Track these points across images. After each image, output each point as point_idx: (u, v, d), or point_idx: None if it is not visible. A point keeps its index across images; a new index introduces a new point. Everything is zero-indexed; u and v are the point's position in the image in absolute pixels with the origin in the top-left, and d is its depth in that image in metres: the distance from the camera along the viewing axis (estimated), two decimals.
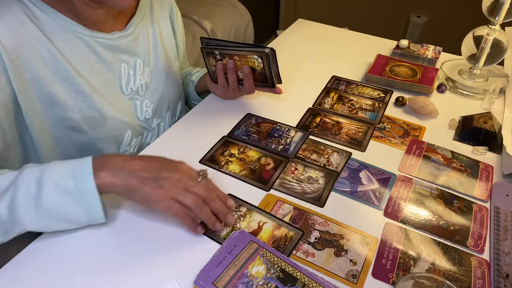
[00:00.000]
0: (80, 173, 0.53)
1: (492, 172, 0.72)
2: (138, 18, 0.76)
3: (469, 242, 0.60)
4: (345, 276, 0.54)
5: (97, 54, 0.70)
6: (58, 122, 0.68)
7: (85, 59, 0.68)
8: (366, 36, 1.20)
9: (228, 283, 0.52)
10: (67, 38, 0.66)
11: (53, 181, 0.52)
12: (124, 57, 0.74)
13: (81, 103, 0.68)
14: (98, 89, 0.70)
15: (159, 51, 0.81)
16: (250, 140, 0.78)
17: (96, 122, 0.71)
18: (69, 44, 0.66)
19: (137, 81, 0.77)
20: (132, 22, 0.75)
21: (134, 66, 0.76)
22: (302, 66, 1.04)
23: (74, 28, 0.66)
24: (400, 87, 0.94)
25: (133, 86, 0.76)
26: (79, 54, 0.67)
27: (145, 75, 0.78)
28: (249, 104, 0.89)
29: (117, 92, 0.74)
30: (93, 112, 0.70)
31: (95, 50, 0.69)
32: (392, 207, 0.65)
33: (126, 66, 0.74)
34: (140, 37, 0.77)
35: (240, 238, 0.58)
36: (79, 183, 0.52)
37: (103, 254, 0.57)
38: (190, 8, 1.77)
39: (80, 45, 0.67)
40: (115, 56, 0.72)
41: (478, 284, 0.54)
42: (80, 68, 0.68)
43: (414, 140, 0.79)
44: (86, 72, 0.69)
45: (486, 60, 0.92)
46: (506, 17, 0.86)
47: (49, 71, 0.64)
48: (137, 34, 0.76)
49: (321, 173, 0.70)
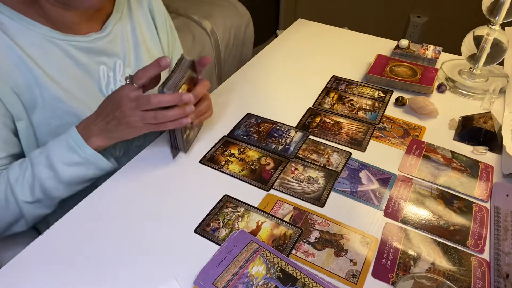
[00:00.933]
0: (76, 145, 0.63)
1: (492, 172, 0.72)
2: (115, 18, 0.74)
3: (469, 242, 0.60)
4: (345, 276, 0.54)
5: (73, 58, 0.68)
6: (40, 127, 0.68)
7: (59, 64, 0.67)
8: (366, 36, 1.20)
9: (228, 283, 0.52)
10: (39, 43, 0.65)
11: (60, 161, 0.63)
12: (102, 59, 0.72)
13: (57, 109, 0.67)
14: (75, 94, 0.69)
15: (141, 50, 0.79)
16: (250, 140, 0.78)
17: None
18: (41, 50, 0.65)
19: (118, 83, 0.75)
20: (109, 22, 0.73)
21: (114, 67, 0.74)
22: (302, 66, 1.04)
23: (46, 33, 0.65)
24: (400, 87, 0.94)
25: (113, 88, 0.74)
26: (53, 59, 0.66)
27: None
28: (249, 104, 0.89)
29: (97, 95, 0.72)
30: (71, 118, 0.68)
31: (70, 54, 0.68)
32: (392, 207, 0.65)
33: (105, 68, 0.73)
34: (119, 37, 0.75)
35: (240, 238, 0.58)
36: (80, 153, 0.64)
37: (103, 254, 0.57)
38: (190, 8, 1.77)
39: (54, 50, 0.66)
40: (92, 58, 0.71)
41: (478, 284, 0.54)
42: (54, 73, 0.66)
43: (414, 140, 0.79)
44: (61, 77, 0.67)
45: (486, 60, 0.92)
46: (506, 17, 0.86)
47: (24, 78, 0.64)
48: (115, 34, 0.74)
49: (321, 173, 0.70)
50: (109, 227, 0.60)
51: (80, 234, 0.59)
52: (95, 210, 0.63)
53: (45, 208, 0.67)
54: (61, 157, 0.63)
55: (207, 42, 1.68)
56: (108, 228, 0.60)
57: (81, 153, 0.63)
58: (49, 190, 0.64)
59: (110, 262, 0.56)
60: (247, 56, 1.95)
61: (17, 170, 0.64)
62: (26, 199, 0.64)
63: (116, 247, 0.58)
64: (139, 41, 0.79)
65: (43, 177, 0.63)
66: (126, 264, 0.55)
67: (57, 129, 0.68)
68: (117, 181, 0.68)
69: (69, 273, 0.54)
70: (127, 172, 0.70)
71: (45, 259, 0.56)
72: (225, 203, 0.65)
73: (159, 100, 0.60)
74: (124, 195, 0.66)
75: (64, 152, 0.63)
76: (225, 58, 1.79)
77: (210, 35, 1.69)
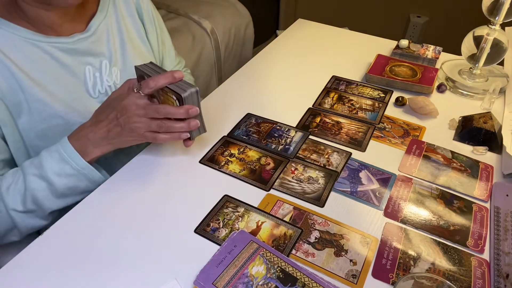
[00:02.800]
0: (68, 156, 0.63)
1: (492, 172, 0.72)
2: (100, 17, 0.74)
3: (469, 242, 0.60)
4: (345, 276, 0.54)
5: (57, 59, 0.68)
6: (27, 131, 0.67)
7: (43, 67, 0.66)
8: (366, 36, 1.20)
9: (228, 283, 0.52)
10: (21, 47, 0.64)
11: (52, 171, 0.62)
12: (87, 59, 0.72)
13: (43, 112, 0.67)
14: (59, 96, 0.68)
15: (128, 49, 0.78)
16: (250, 140, 0.78)
17: (62, 130, 0.69)
18: (24, 53, 0.64)
19: (105, 83, 0.74)
20: (93, 22, 0.73)
21: (100, 67, 0.74)
22: (302, 66, 1.04)
23: (28, 36, 0.65)
24: (400, 87, 0.94)
25: (100, 89, 0.74)
26: (36, 62, 0.66)
27: (113, 76, 0.76)
28: (249, 104, 0.89)
29: (83, 96, 0.72)
30: (57, 120, 0.68)
31: (54, 56, 0.67)
32: (392, 207, 0.65)
33: (91, 69, 0.72)
34: (104, 37, 0.74)
35: (240, 238, 0.58)
36: (72, 164, 0.63)
37: (102, 254, 0.57)
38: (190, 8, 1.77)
39: (36, 53, 0.66)
40: (77, 59, 0.70)
41: (478, 284, 0.54)
42: (38, 76, 0.66)
43: (414, 140, 0.79)
44: (45, 80, 0.67)
45: (486, 60, 0.92)
46: (506, 17, 0.86)
47: (8, 83, 0.63)
48: (100, 33, 0.73)
49: (321, 173, 0.70)
50: (109, 227, 0.60)
51: (80, 235, 0.59)
52: (95, 210, 0.63)
53: (38, 219, 0.66)
54: (52, 168, 0.62)
55: (207, 42, 1.68)
56: (108, 228, 0.60)
57: (73, 164, 0.63)
58: (41, 200, 0.63)
59: (110, 262, 0.56)
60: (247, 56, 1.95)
61: (9, 179, 0.64)
62: (17, 208, 0.63)
63: (116, 247, 0.58)
64: (126, 40, 0.78)
65: (35, 187, 0.62)
66: (126, 264, 0.55)
67: (44, 132, 0.68)
68: (117, 181, 0.68)
69: (69, 273, 0.54)
70: (127, 171, 0.70)
71: (45, 259, 0.56)
72: (225, 203, 0.65)
73: (168, 111, 0.61)
74: (124, 195, 0.66)
75: (55, 163, 0.63)
76: (225, 58, 1.79)
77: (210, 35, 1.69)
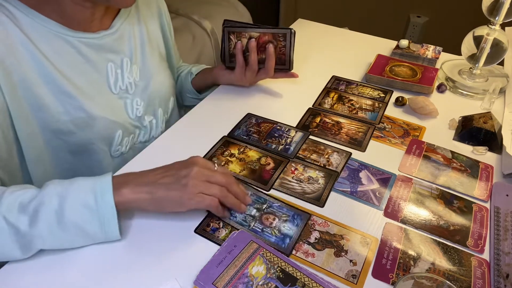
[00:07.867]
0: (99, 187, 0.55)
1: (492, 172, 0.72)
2: (123, 17, 0.77)
3: (469, 242, 0.60)
4: (345, 276, 0.54)
5: (83, 54, 0.69)
6: (47, 125, 0.68)
7: (69, 60, 0.68)
8: (366, 36, 1.20)
9: (228, 283, 0.52)
10: (51, 40, 0.65)
11: (74, 196, 0.54)
12: (110, 56, 0.74)
13: (67, 104, 0.68)
14: (84, 89, 0.70)
15: (147, 49, 0.82)
16: (250, 140, 0.78)
17: (84, 123, 0.70)
18: (53, 46, 0.65)
19: (125, 80, 0.76)
20: (117, 21, 0.75)
21: (121, 64, 0.76)
22: (302, 66, 1.04)
23: (58, 30, 0.66)
24: (400, 87, 0.94)
25: (121, 85, 0.76)
26: (64, 55, 0.67)
27: (133, 73, 0.78)
28: (249, 104, 0.89)
29: (105, 91, 0.74)
30: (80, 113, 0.69)
31: (80, 50, 0.69)
32: (392, 207, 0.65)
33: (112, 65, 0.74)
34: (126, 35, 0.77)
35: (240, 238, 0.58)
36: (98, 197, 0.54)
37: (102, 254, 0.57)
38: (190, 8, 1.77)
39: (65, 47, 0.67)
40: (101, 55, 0.72)
41: (478, 284, 0.54)
42: (65, 69, 0.67)
43: (414, 140, 0.79)
44: (71, 73, 0.68)
45: (486, 60, 0.92)
46: (506, 17, 0.86)
47: (34, 74, 0.64)
48: (122, 32, 0.76)
49: (321, 173, 0.70)
50: None
51: None
52: None
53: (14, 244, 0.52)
54: (76, 190, 0.54)
55: (207, 42, 1.68)
56: None
57: (98, 198, 0.54)
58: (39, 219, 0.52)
59: (110, 262, 0.56)
60: None
61: (21, 186, 0.56)
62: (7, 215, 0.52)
63: (116, 247, 0.58)
64: (146, 40, 0.82)
65: (46, 203, 0.53)
66: (126, 264, 0.55)
67: (66, 124, 0.68)
68: None
69: (68, 273, 0.54)
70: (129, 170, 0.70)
71: (45, 259, 0.55)
72: None
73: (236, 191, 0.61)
74: None
75: (83, 187, 0.55)
76: None
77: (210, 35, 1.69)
